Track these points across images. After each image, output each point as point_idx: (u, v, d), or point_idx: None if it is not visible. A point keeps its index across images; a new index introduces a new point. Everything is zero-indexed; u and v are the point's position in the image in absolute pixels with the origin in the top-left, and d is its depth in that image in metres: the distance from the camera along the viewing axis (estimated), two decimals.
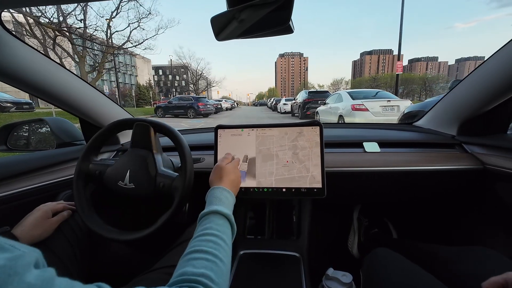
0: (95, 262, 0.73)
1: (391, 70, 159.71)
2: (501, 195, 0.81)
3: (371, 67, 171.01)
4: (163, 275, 0.58)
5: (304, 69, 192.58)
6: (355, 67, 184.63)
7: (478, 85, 0.82)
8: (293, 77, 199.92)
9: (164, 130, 0.70)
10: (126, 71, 53.51)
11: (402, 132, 1.11)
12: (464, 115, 0.91)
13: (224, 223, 0.50)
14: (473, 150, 0.88)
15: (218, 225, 0.48)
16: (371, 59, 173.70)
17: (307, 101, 10.23)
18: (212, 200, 0.55)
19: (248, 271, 0.76)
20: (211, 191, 0.59)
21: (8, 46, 0.63)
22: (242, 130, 0.80)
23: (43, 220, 0.62)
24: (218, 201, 0.55)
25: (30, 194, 0.76)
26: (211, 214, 0.51)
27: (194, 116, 13.56)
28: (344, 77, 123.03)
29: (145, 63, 62.35)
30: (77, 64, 12.54)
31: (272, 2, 0.40)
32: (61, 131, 1.01)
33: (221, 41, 0.49)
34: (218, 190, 0.58)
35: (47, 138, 1.09)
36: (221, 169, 0.65)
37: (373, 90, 6.69)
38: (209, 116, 14.96)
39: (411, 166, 0.86)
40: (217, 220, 0.49)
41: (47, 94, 0.79)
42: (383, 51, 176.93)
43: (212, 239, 0.44)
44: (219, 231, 0.47)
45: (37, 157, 0.84)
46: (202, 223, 0.49)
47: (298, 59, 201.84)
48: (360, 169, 0.87)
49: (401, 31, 10.77)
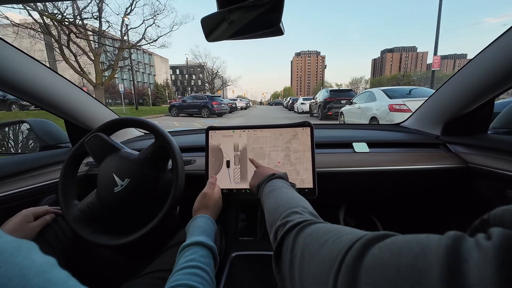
0: (81, 269, 0.70)
1: (415, 68, 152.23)
2: (482, 192, 0.84)
3: (393, 65, 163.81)
4: (154, 280, 0.55)
5: (321, 68, 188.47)
6: (375, 65, 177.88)
7: (461, 86, 0.85)
8: (309, 76, 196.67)
9: (155, 132, 0.70)
10: (145, 70, 54.95)
11: (390, 132, 1.14)
12: (448, 115, 0.94)
13: (208, 255, 0.48)
14: (456, 149, 0.92)
15: (202, 257, 0.47)
16: (392, 56, 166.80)
17: (328, 101, 9.58)
18: (194, 231, 0.54)
19: (240, 272, 0.75)
20: (195, 220, 0.58)
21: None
22: (233, 131, 0.81)
23: (23, 225, 0.59)
24: (202, 231, 0.54)
25: (11, 199, 0.73)
26: (194, 246, 0.49)
27: (208, 115, 13.24)
28: (364, 76, 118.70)
29: (163, 63, 63.84)
30: (92, 62, 12.55)
31: (262, 4, 0.40)
32: (45, 133, 0.98)
33: (211, 42, 0.49)
34: (202, 219, 0.57)
35: (30, 140, 1.04)
36: (209, 198, 0.65)
37: (407, 87, 5.74)
38: (224, 115, 14.59)
39: (398, 165, 0.89)
40: (201, 252, 0.48)
41: (31, 96, 0.77)
42: (405, 48, 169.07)
43: (196, 272, 0.43)
44: (203, 263, 0.45)
45: (18, 161, 0.81)
46: (185, 255, 0.47)
47: (315, 57, 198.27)
48: (350, 169, 0.88)
49: (439, 17, 9.54)
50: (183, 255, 0.47)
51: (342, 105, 8.77)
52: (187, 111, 13.76)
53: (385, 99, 5.04)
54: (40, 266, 0.22)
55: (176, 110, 14.15)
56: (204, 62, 41.01)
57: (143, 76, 55.27)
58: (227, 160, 0.80)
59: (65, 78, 0.87)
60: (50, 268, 0.23)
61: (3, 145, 1.05)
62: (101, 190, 0.67)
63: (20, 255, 0.22)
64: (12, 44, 0.67)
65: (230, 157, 0.79)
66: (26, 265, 0.21)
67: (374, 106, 5.30)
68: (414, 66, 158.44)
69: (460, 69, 0.84)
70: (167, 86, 46.47)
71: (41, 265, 0.22)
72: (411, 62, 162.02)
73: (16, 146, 1.06)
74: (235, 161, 0.79)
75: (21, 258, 0.21)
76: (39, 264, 0.22)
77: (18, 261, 0.21)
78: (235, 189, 0.77)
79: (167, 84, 47.99)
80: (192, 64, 56.75)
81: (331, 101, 9.49)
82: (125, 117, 0.77)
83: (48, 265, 0.23)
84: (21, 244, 0.23)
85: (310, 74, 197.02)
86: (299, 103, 15.72)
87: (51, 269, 0.23)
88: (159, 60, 62.07)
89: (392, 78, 75.10)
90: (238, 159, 0.78)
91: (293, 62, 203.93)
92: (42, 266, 0.22)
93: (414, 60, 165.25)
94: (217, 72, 42.91)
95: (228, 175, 0.79)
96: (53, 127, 1.01)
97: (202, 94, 15.03)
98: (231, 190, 0.77)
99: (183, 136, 1.22)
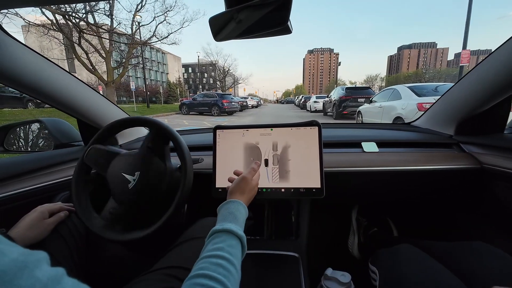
0: (92, 264, 0.71)
1: (434, 65, 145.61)
2: (498, 194, 0.82)
3: (410, 62, 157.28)
4: (162, 276, 0.55)
5: (334, 65, 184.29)
6: (391, 63, 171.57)
7: (475, 84, 0.82)
8: (322, 74, 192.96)
9: (164, 131, 0.71)
10: (158, 69, 55.79)
11: (400, 132, 1.11)
12: (462, 114, 0.91)
13: (237, 245, 0.46)
14: (471, 149, 0.89)
15: (230, 247, 0.45)
16: (410, 53, 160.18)
17: (344, 99, 9.02)
18: (226, 216, 0.52)
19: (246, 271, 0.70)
20: (227, 204, 0.55)
21: (6, 47, 0.63)
22: (241, 130, 0.80)
23: (39, 221, 0.61)
24: (233, 218, 0.51)
25: (27, 196, 0.75)
26: (224, 233, 0.47)
27: (218, 113, 13.01)
28: (379, 73, 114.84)
29: (175, 61, 64.69)
30: (104, 60, 12.59)
31: (270, 2, 0.40)
32: (59, 132, 1.00)
33: (219, 41, 0.49)
34: (235, 204, 0.55)
35: (44, 139, 1.07)
36: (246, 183, 0.62)
37: (432, 84, 5.12)
38: (234, 114, 14.31)
39: (409, 165, 0.86)
40: (230, 241, 0.46)
41: (45, 96, 0.79)
42: (424, 44, 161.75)
43: (222, 264, 0.41)
44: (231, 254, 0.43)
45: (34, 159, 0.83)
46: (213, 241, 0.46)
47: (328, 55, 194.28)
48: (359, 169, 0.87)
49: (470, 7, 8.69)
50: (212, 241, 0.46)
51: (359, 104, 8.27)
52: (198, 109, 13.65)
53: (413, 97, 4.50)
54: (44, 285, 0.22)
55: (186, 108, 14.07)
56: (216, 60, 40.93)
57: (156, 75, 56.16)
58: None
59: (78, 78, 0.88)
60: (55, 285, 0.22)
61: (20, 143, 1.08)
62: (116, 192, 0.69)
63: (22, 276, 0.21)
64: (27, 45, 0.69)
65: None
66: (29, 286, 0.21)
67: (399, 105, 4.75)
68: (434, 63, 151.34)
69: (476, 66, 0.81)
70: (180, 84, 46.95)
71: (45, 284, 0.22)
72: (430, 59, 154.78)
73: (32, 145, 1.10)
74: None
75: (23, 280, 0.21)
76: (43, 283, 0.22)
77: (20, 284, 0.20)
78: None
79: (179, 82, 48.48)
80: (204, 63, 56.96)
81: (347, 99, 8.92)
82: (116, 121, 0.76)
83: (54, 281, 0.23)
84: (27, 260, 0.22)
85: (323, 72, 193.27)
86: (312, 101, 15.10)
87: (57, 285, 0.23)
88: (172, 59, 62.89)
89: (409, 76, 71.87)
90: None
91: (305, 60, 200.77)
92: (47, 285, 0.22)
93: (433, 56, 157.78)
94: (228, 69, 42.74)
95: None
96: (66, 126, 1.04)
97: (213, 92, 14.83)
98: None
99: (191, 135, 1.22)
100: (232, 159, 0.78)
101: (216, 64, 41.58)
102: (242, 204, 0.55)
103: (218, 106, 12.78)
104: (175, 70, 63.07)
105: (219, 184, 0.77)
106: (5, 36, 0.62)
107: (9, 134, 1.01)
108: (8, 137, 1.00)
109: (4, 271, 0.20)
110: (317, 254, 1.05)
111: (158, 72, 56.66)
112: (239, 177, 0.62)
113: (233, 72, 46.27)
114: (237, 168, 0.73)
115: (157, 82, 52.25)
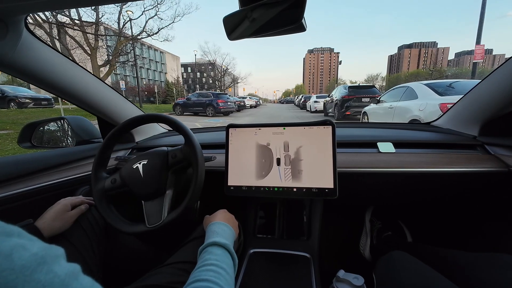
0: (110, 256, 0.74)
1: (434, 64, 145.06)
2: None
3: (410, 62, 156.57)
4: (175, 270, 0.59)
5: (335, 65, 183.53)
6: (391, 62, 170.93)
7: (502, 84, 0.79)
8: (322, 74, 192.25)
9: (177, 128, 0.72)
10: (156, 68, 55.03)
11: (419, 132, 1.07)
12: (487, 115, 0.88)
13: (222, 253, 0.50)
14: (497, 151, 0.85)
15: (216, 255, 0.49)
16: (410, 53, 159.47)
17: (347, 99, 8.31)
18: (209, 235, 0.56)
19: (257, 269, 0.75)
20: (208, 227, 0.60)
21: (33, 49, 0.67)
22: (253, 129, 0.80)
23: (62, 213, 0.64)
24: (215, 234, 0.56)
25: (51, 189, 0.79)
26: (209, 247, 0.52)
27: (213, 114, 12.36)
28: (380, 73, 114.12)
29: (174, 61, 63.94)
30: (89, 57, 11.83)
31: (284, 0, 0.40)
32: (81, 129, 1.04)
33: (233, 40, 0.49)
34: (214, 225, 0.60)
35: (67, 135, 1.12)
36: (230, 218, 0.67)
37: (446, 80, 4.41)
38: (230, 114, 13.62)
39: (428, 167, 0.82)
40: (215, 251, 0.50)
41: (69, 95, 0.83)
42: (424, 44, 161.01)
43: (211, 269, 0.45)
44: (218, 260, 0.47)
45: (57, 154, 0.87)
46: (201, 257, 0.50)
47: (328, 54, 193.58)
48: (374, 169, 0.84)
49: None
50: (199, 258, 0.50)
51: (363, 104, 7.60)
52: (192, 110, 13.02)
53: (433, 97, 3.78)
54: (62, 280, 0.22)
55: (180, 108, 13.43)
56: (214, 59, 40.20)
57: (154, 74, 55.41)
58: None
59: (99, 78, 0.93)
60: (72, 280, 0.23)
61: (46, 139, 1.11)
62: (123, 169, 0.72)
63: (42, 270, 0.22)
64: (53, 47, 0.73)
65: (250, 154, 0.78)
66: (48, 281, 0.21)
67: (415, 106, 4.03)
68: (434, 63, 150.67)
69: (504, 63, 0.78)
70: (178, 83, 46.26)
71: (63, 280, 0.22)
72: (431, 59, 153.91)
73: (56, 141, 1.16)
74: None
75: (43, 274, 0.21)
76: (61, 278, 0.22)
77: (40, 278, 0.21)
78: (254, 187, 0.76)
79: (178, 82, 47.78)
80: (202, 62, 56.24)
81: (350, 99, 8.20)
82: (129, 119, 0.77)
83: (72, 277, 0.23)
84: (46, 255, 0.23)
85: (323, 71, 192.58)
86: (312, 101, 14.40)
87: (74, 280, 0.23)
88: (171, 58, 62.19)
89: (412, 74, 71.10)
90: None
91: (305, 59, 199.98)
92: (65, 280, 0.23)
93: (434, 56, 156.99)
94: (226, 68, 41.99)
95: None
96: (87, 124, 1.07)
97: (207, 91, 14.19)
98: (250, 187, 0.76)
99: (204, 134, 1.24)
100: (245, 157, 0.79)
101: (215, 63, 40.89)
102: (221, 223, 0.60)
103: (213, 106, 12.18)
104: (174, 69, 62.33)
105: (232, 182, 0.78)
106: (34, 40, 0.66)
107: (36, 131, 1.03)
108: (35, 133, 1.03)
109: (24, 265, 0.21)
110: (328, 255, 1.09)
111: (156, 71, 55.90)
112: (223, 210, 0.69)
113: (231, 71, 45.53)
114: (249, 166, 0.77)
115: (155, 82, 51.51)
